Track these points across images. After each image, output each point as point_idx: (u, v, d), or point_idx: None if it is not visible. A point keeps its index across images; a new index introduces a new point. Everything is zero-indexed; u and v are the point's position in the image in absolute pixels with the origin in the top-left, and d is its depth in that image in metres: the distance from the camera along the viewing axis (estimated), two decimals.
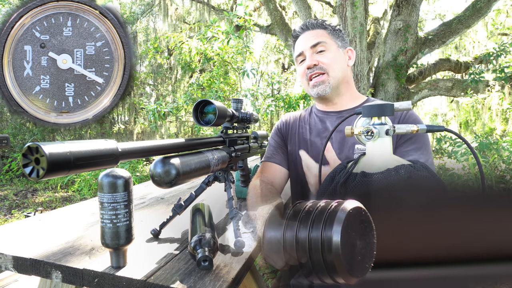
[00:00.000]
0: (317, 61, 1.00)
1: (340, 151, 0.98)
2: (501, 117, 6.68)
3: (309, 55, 1.01)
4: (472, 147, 0.53)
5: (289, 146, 1.11)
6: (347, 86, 1.05)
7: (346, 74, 1.04)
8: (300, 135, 1.09)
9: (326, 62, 1.00)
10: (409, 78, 5.12)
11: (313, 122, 1.09)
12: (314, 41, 1.01)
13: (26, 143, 4.02)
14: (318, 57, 1.01)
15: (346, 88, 1.04)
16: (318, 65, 1.00)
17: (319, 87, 1.01)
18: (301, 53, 1.04)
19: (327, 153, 0.86)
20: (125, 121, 8.05)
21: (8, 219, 3.51)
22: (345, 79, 1.03)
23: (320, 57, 1.00)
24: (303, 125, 1.10)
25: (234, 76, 5.86)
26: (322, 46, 1.01)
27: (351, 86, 1.07)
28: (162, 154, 0.56)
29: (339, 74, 1.01)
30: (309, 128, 1.08)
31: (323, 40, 1.01)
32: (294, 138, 1.10)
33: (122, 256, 0.58)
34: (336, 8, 4.16)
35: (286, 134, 1.13)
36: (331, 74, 1.00)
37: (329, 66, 1.00)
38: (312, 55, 1.01)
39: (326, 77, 1.00)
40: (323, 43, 1.01)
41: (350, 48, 1.07)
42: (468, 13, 4.59)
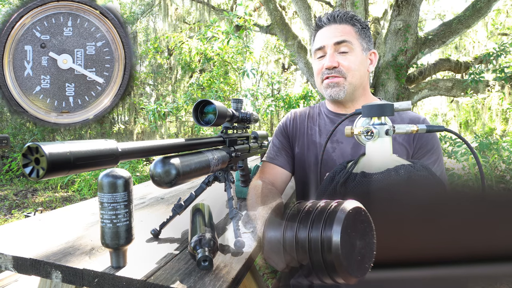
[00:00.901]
0: (338, 63, 0.92)
1: (353, 156, 0.94)
2: (501, 117, 6.68)
3: (330, 54, 0.92)
4: (472, 147, 0.53)
5: (296, 148, 1.05)
6: (362, 92, 0.99)
7: (364, 80, 0.97)
8: (309, 137, 1.02)
9: (346, 65, 0.92)
10: (409, 78, 5.12)
11: (322, 124, 1.02)
12: (340, 38, 0.91)
13: (26, 143, 4.02)
14: (340, 58, 0.92)
15: (361, 94, 0.98)
16: (338, 68, 0.92)
17: (333, 89, 0.94)
18: (322, 47, 0.94)
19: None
20: (125, 121, 8.06)
21: (8, 219, 3.51)
22: (362, 85, 0.96)
23: (342, 59, 0.92)
24: (312, 126, 1.04)
25: (234, 76, 5.86)
26: (346, 46, 0.92)
27: (366, 91, 1.00)
28: (162, 154, 0.56)
29: (356, 81, 0.94)
30: (318, 130, 1.02)
31: (349, 39, 0.92)
32: (302, 140, 1.04)
33: (122, 256, 0.58)
34: (336, 8, 4.16)
35: (293, 134, 1.07)
36: (349, 79, 0.93)
37: (349, 71, 0.92)
38: (334, 54, 0.92)
39: (342, 80, 0.93)
40: (348, 43, 0.92)
41: (374, 51, 0.99)
42: (468, 13, 4.59)
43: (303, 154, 1.03)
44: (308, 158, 1.02)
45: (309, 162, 1.01)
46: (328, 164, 0.96)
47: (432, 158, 0.91)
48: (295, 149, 1.06)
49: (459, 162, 3.92)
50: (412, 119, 0.95)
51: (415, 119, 0.95)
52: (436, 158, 0.91)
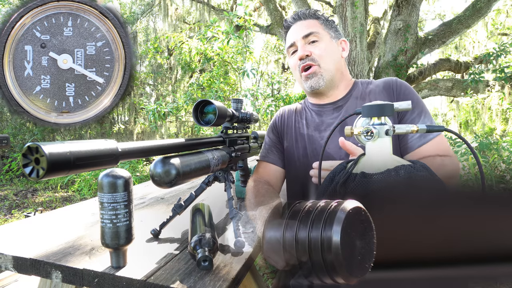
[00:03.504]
0: (310, 52, 0.97)
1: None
2: (501, 117, 6.68)
3: (301, 46, 0.98)
4: (472, 147, 0.53)
5: (285, 142, 1.08)
6: (341, 77, 1.02)
7: (340, 66, 1.01)
8: (297, 130, 1.06)
9: (318, 53, 0.96)
10: (409, 78, 5.12)
11: (309, 117, 1.06)
12: (306, 31, 0.98)
13: (26, 143, 4.02)
14: (310, 47, 0.97)
15: (340, 80, 1.01)
16: (310, 56, 0.97)
17: (312, 80, 0.97)
18: (293, 43, 1.00)
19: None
20: (125, 121, 8.06)
21: (8, 219, 3.51)
22: (339, 71, 1.00)
23: (312, 48, 0.97)
24: (299, 119, 1.07)
25: (234, 76, 5.86)
26: (315, 36, 0.97)
27: (345, 76, 1.03)
28: (162, 154, 0.56)
29: (331, 66, 0.98)
30: (305, 123, 1.05)
31: (316, 30, 0.98)
32: (290, 134, 1.07)
33: (122, 256, 0.58)
34: (336, 8, 4.16)
35: (282, 130, 1.10)
36: (323, 65, 0.97)
37: (321, 57, 0.97)
38: (304, 45, 0.98)
39: (317, 68, 0.97)
40: (316, 33, 0.97)
41: (343, 39, 1.04)
42: (468, 13, 4.59)
43: (292, 147, 1.05)
44: (297, 150, 1.03)
45: (298, 154, 1.03)
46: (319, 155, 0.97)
47: (413, 114, 0.90)
48: (284, 144, 1.08)
49: (459, 162, 3.91)
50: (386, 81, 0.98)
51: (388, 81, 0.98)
52: (420, 110, 0.90)
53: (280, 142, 1.10)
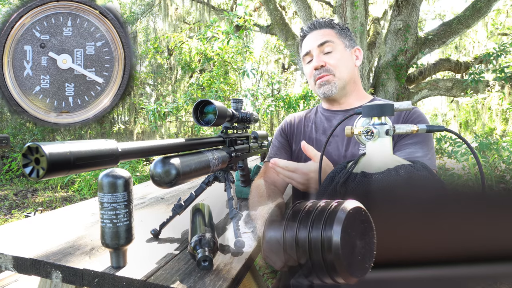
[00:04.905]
0: (324, 62, 1.00)
1: (346, 148, 0.98)
2: (501, 117, 6.68)
3: (316, 55, 1.01)
4: (472, 147, 0.53)
5: (294, 145, 1.11)
6: (354, 86, 1.05)
7: (353, 75, 1.04)
8: (306, 134, 1.09)
9: (332, 63, 1.00)
10: (409, 78, 5.12)
11: (319, 121, 1.09)
12: (321, 40, 1.01)
13: (26, 143, 4.02)
14: (325, 58, 1.01)
15: (352, 88, 1.05)
16: (325, 67, 1.00)
17: (325, 87, 1.01)
18: (308, 52, 1.04)
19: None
20: (125, 121, 8.05)
21: (8, 219, 3.51)
22: (352, 80, 1.03)
23: (327, 58, 1.00)
24: (308, 123, 1.11)
25: (234, 76, 5.86)
26: (329, 46, 1.00)
27: (357, 85, 1.07)
28: (162, 154, 0.56)
29: (345, 76, 1.01)
30: (314, 127, 1.08)
31: (330, 39, 1.01)
32: (299, 137, 1.10)
33: (122, 256, 0.58)
34: (336, 8, 4.16)
35: (290, 134, 1.13)
36: (338, 75, 1.00)
37: (336, 67, 1.00)
38: (319, 55, 1.01)
39: (332, 77, 1.00)
40: (330, 43, 1.00)
41: (357, 47, 1.07)
42: (468, 13, 4.59)
43: (300, 150, 1.07)
44: (304, 154, 1.03)
45: (306, 157, 1.03)
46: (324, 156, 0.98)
47: (410, 140, 0.88)
48: (293, 147, 1.11)
49: (459, 162, 3.92)
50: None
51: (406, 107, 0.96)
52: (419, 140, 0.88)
53: (289, 145, 1.13)
